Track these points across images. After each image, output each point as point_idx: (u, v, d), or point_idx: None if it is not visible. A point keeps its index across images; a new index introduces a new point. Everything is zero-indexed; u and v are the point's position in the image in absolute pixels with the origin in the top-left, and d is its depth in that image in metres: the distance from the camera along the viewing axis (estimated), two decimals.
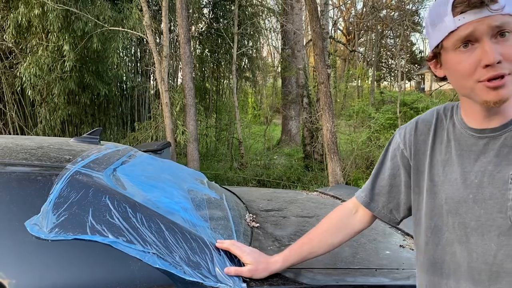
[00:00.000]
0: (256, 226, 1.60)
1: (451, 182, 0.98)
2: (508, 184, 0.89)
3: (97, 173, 1.30)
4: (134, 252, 1.11)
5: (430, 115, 1.10)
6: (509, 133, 0.92)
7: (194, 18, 12.48)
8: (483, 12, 0.84)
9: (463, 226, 0.95)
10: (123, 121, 10.79)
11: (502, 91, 0.86)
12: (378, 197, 1.17)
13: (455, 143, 1.00)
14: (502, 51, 0.84)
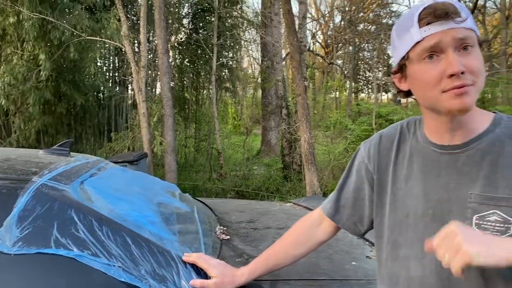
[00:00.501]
0: (226, 238, 1.61)
1: (413, 197, 1.00)
2: (467, 203, 0.91)
3: (64, 186, 1.29)
4: (99, 265, 1.11)
5: (394, 129, 1.12)
6: (471, 151, 0.94)
7: (173, 29, 12.50)
8: (448, 24, 0.87)
9: (420, 242, 0.96)
10: (100, 131, 10.66)
11: (466, 98, 0.87)
12: (343, 209, 1.20)
13: (417, 158, 1.02)
14: (465, 63, 0.87)
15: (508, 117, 0.97)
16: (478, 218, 0.89)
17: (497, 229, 0.88)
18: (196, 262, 1.22)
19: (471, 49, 0.88)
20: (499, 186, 0.89)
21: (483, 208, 0.89)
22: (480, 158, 0.92)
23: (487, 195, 0.89)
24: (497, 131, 0.94)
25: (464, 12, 0.89)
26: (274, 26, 11.92)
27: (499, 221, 0.87)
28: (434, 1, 0.90)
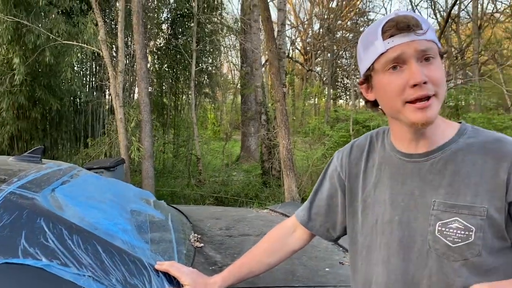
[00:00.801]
0: (200, 246, 1.61)
1: (380, 204, 1.03)
2: (431, 210, 0.94)
3: (34, 194, 1.27)
4: (69, 275, 1.09)
5: (364, 139, 1.15)
6: (434, 160, 0.97)
7: (152, 34, 12.41)
8: (410, 36, 0.90)
9: (387, 247, 0.99)
10: (76, 137, 10.47)
11: (429, 112, 0.90)
12: (316, 216, 1.22)
13: (385, 166, 1.05)
14: (427, 73, 0.90)
15: (472, 128, 1.01)
16: (441, 225, 0.92)
17: (458, 236, 0.90)
18: (169, 271, 1.21)
19: (432, 60, 0.92)
20: (460, 194, 0.92)
21: (445, 215, 0.92)
22: (443, 167, 0.95)
23: (449, 203, 0.92)
24: (460, 141, 0.97)
25: (425, 25, 0.92)
26: (254, 32, 11.99)
27: (460, 228, 0.90)
28: (396, 14, 0.93)
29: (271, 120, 11.04)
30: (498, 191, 0.90)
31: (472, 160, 0.93)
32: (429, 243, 0.93)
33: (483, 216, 0.89)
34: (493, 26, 14.80)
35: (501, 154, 0.92)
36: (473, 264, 0.90)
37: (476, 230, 0.89)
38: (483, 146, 0.95)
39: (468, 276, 0.90)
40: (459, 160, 0.95)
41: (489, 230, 0.90)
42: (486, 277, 0.90)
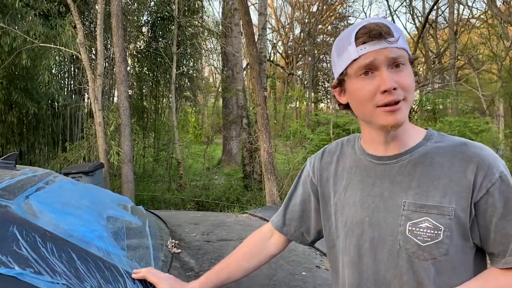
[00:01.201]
0: (177, 252, 1.60)
1: (351, 205, 1.05)
2: (401, 211, 0.97)
3: (7, 201, 1.25)
4: (42, 283, 1.07)
5: (335, 145, 1.19)
6: (403, 162, 1.00)
7: (132, 37, 12.31)
8: (381, 44, 0.93)
9: (357, 248, 1.02)
10: (53, 141, 10.30)
11: (398, 115, 0.94)
12: (291, 221, 1.24)
13: (355, 169, 1.08)
14: (397, 80, 0.94)
15: (438, 134, 1.04)
16: (411, 225, 0.95)
17: (428, 235, 0.94)
18: (146, 277, 1.21)
19: (403, 67, 0.95)
20: (429, 195, 0.95)
21: (415, 215, 0.95)
22: (412, 169, 0.99)
23: (419, 203, 0.95)
24: (428, 144, 1.01)
25: (397, 32, 0.95)
26: (235, 36, 12.01)
27: (430, 227, 0.94)
28: (369, 22, 0.96)
29: (252, 123, 11.06)
30: (464, 192, 0.93)
31: (440, 163, 0.97)
32: (400, 243, 0.96)
33: (451, 216, 0.93)
34: (469, 31, 15.17)
35: (467, 157, 0.96)
36: (440, 262, 0.94)
37: (444, 229, 0.93)
38: (450, 149, 0.98)
39: (436, 275, 0.94)
40: (428, 163, 0.98)
41: (456, 229, 0.93)
42: (452, 275, 0.94)
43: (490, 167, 0.94)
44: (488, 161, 0.94)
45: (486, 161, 0.94)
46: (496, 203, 0.93)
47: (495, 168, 0.94)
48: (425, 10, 16.97)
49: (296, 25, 23.74)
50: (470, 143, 0.99)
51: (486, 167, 0.93)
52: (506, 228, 0.93)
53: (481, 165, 0.94)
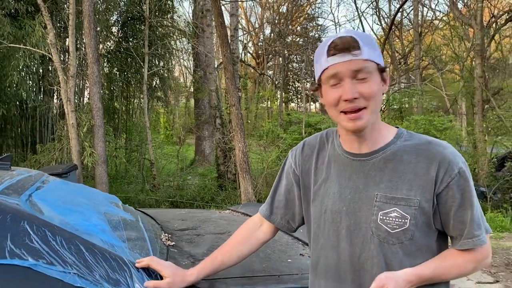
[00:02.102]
0: (171, 244, 1.71)
1: (330, 196, 1.20)
2: (373, 202, 1.12)
3: (14, 199, 1.33)
4: (55, 273, 1.17)
5: (314, 139, 1.32)
6: (376, 159, 1.15)
7: (102, 36, 12.14)
8: (346, 57, 1.07)
9: (336, 233, 1.17)
10: (22, 143, 10.06)
11: (358, 122, 1.09)
12: (277, 210, 1.37)
13: (334, 163, 1.22)
14: (360, 90, 1.08)
15: (408, 132, 1.20)
16: (382, 214, 1.11)
17: (396, 223, 1.09)
18: (150, 265, 1.31)
19: (368, 77, 1.09)
20: (398, 188, 1.11)
21: (386, 206, 1.11)
22: (384, 165, 1.14)
23: (389, 196, 1.11)
24: (398, 143, 1.17)
25: (365, 44, 1.09)
26: (207, 37, 12.05)
27: (398, 216, 1.09)
28: (340, 36, 1.11)
29: (225, 123, 11.15)
30: (428, 186, 1.09)
31: (408, 160, 1.13)
32: (372, 230, 1.11)
33: (416, 207, 1.09)
34: (432, 32, 15.75)
35: (431, 154, 1.12)
36: (407, 246, 1.10)
37: (410, 218, 1.09)
38: (416, 147, 1.14)
39: (402, 256, 1.10)
40: (397, 160, 1.14)
41: (420, 218, 1.09)
42: (416, 257, 1.11)
43: (450, 164, 1.10)
44: (449, 158, 1.11)
45: (447, 158, 1.10)
46: (455, 195, 1.09)
47: (455, 164, 1.10)
48: (391, 12, 17.50)
49: (266, 25, 23.96)
50: (434, 142, 1.15)
51: (447, 164, 1.10)
52: (462, 216, 1.10)
53: (442, 162, 1.10)
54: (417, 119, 9.01)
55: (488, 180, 9.10)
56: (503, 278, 4.58)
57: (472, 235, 1.10)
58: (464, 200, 1.09)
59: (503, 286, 4.34)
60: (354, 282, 1.13)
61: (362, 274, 1.12)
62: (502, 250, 5.70)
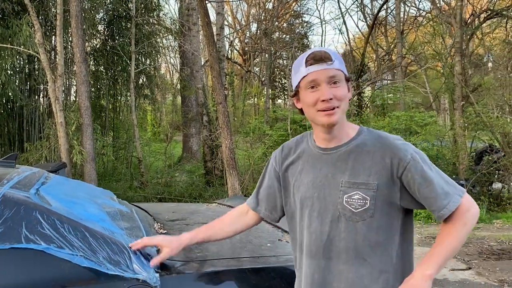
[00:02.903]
0: (164, 232, 1.90)
1: (305, 185, 1.42)
2: (340, 187, 1.35)
3: (25, 193, 1.51)
4: (64, 255, 1.36)
5: (292, 142, 1.57)
6: (341, 151, 1.39)
7: (88, 35, 12.17)
8: (322, 66, 1.32)
9: (309, 216, 1.39)
10: (10, 142, 10.10)
11: (333, 117, 1.32)
12: (261, 202, 1.60)
13: (308, 157, 1.46)
14: (334, 92, 1.32)
15: (367, 129, 1.44)
16: (347, 197, 1.33)
17: (359, 204, 1.32)
18: (145, 244, 1.52)
19: (338, 83, 1.34)
20: (359, 175, 1.34)
21: (349, 190, 1.33)
22: (348, 156, 1.37)
23: (352, 181, 1.34)
24: (359, 138, 1.40)
25: (335, 58, 1.34)
26: (193, 35, 12.17)
27: (360, 198, 1.32)
28: (314, 50, 1.36)
29: (212, 121, 11.30)
30: (384, 171, 1.33)
31: (367, 151, 1.36)
32: (339, 211, 1.34)
33: (375, 189, 1.32)
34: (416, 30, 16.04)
35: (385, 145, 1.36)
36: (368, 223, 1.32)
37: (370, 199, 1.32)
38: (373, 141, 1.38)
39: (366, 232, 1.32)
40: (359, 151, 1.37)
41: (379, 199, 1.32)
42: (378, 232, 1.32)
43: (401, 151, 1.34)
44: (400, 147, 1.35)
45: (397, 147, 1.35)
46: (414, 177, 1.32)
47: (406, 151, 1.34)
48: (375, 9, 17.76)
49: (253, 22, 24.10)
50: (388, 136, 1.40)
51: (399, 152, 1.34)
52: (428, 193, 1.32)
53: (395, 151, 1.34)
54: (398, 115, 9.30)
55: (467, 174, 9.45)
56: (475, 265, 4.88)
57: (443, 206, 1.31)
58: (423, 179, 1.32)
59: (475, 272, 4.63)
60: (324, 256, 1.35)
61: (331, 249, 1.35)
62: (476, 240, 6.01)
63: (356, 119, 9.95)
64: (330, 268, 1.35)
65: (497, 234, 6.30)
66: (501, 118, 8.80)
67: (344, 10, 19.48)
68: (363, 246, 1.32)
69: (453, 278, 4.42)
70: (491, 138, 9.64)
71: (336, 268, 1.34)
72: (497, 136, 9.17)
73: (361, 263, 1.32)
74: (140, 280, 1.40)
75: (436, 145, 10.18)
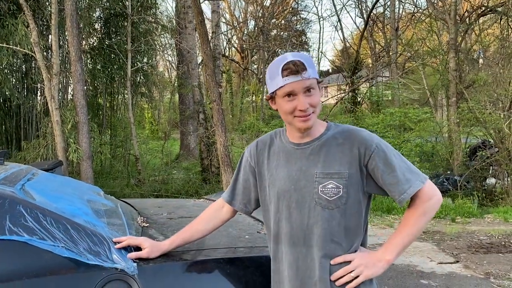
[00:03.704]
0: (146, 226, 1.98)
1: (281, 179, 1.51)
2: (314, 178, 1.44)
3: (10, 188, 1.59)
4: (46, 246, 1.44)
5: (266, 137, 1.65)
6: (313, 146, 1.49)
7: (85, 33, 12.22)
8: (298, 77, 1.41)
9: (288, 207, 1.48)
10: (7, 140, 10.17)
11: (309, 122, 1.44)
12: (237, 196, 1.69)
13: (283, 153, 1.54)
14: (309, 101, 1.42)
15: (335, 124, 1.53)
16: (321, 187, 1.43)
17: (333, 192, 1.42)
18: (129, 243, 1.60)
19: (313, 91, 1.44)
20: (331, 166, 1.44)
21: (323, 180, 1.43)
22: (319, 149, 1.47)
23: (325, 172, 1.44)
24: (328, 133, 1.50)
25: (309, 66, 1.42)
26: (189, 33, 12.22)
27: (334, 187, 1.42)
28: (289, 60, 1.42)
29: (209, 118, 11.37)
30: (353, 161, 1.43)
31: (336, 143, 1.47)
32: (315, 200, 1.43)
33: (346, 178, 1.42)
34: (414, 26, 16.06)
35: (352, 137, 1.47)
36: (342, 210, 1.43)
37: (343, 187, 1.42)
38: (341, 134, 1.49)
39: (340, 218, 1.43)
40: (329, 144, 1.47)
41: (351, 187, 1.43)
42: (351, 217, 1.43)
43: (367, 141, 1.45)
44: (365, 138, 1.46)
45: (363, 138, 1.45)
46: (377, 164, 1.43)
47: (371, 141, 1.45)
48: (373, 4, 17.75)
49: (250, 19, 24.13)
50: (354, 128, 1.51)
51: (365, 142, 1.44)
52: (390, 179, 1.43)
53: (361, 142, 1.45)
54: (393, 112, 9.38)
55: (462, 169, 9.54)
56: (463, 259, 4.97)
57: (403, 190, 1.42)
58: (386, 166, 1.42)
59: (463, 266, 4.72)
60: (305, 243, 1.45)
61: (311, 237, 1.44)
62: (467, 234, 6.10)
63: (350, 116, 10.02)
64: (312, 255, 1.44)
65: (488, 228, 6.40)
66: (494, 114, 8.88)
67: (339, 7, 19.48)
68: (338, 231, 1.42)
69: (441, 271, 4.51)
70: (485, 133, 9.72)
71: (316, 254, 1.43)
72: (490, 132, 9.26)
73: (336, 248, 1.43)
74: (118, 269, 1.48)
75: (430, 141, 10.27)
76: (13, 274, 1.39)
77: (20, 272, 1.40)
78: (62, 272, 1.44)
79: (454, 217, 6.97)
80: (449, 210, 7.26)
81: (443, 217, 7.08)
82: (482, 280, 4.26)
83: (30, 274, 1.40)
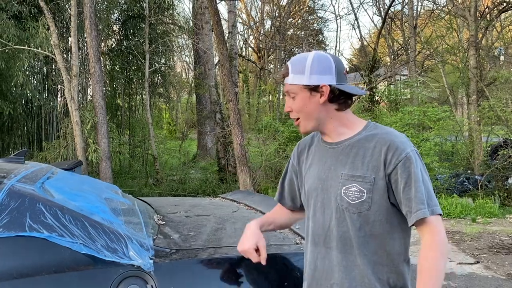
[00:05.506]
0: (162, 223, 2.01)
1: (312, 177, 1.52)
2: (339, 179, 1.42)
3: (30, 186, 1.63)
4: (65, 243, 1.47)
5: (306, 138, 1.67)
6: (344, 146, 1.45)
7: (103, 35, 12.41)
8: (285, 81, 1.46)
9: (313, 206, 1.48)
10: (29, 141, 10.41)
11: (300, 128, 1.48)
12: (285, 194, 1.70)
13: (317, 152, 1.55)
14: (291, 105, 1.46)
15: (374, 124, 1.50)
16: (345, 189, 1.40)
17: (356, 196, 1.38)
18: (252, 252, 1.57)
19: (294, 95, 1.46)
20: (358, 168, 1.40)
21: (348, 182, 1.40)
22: (349, 150, 1.45)
23: (350, 174, 1.41)
24: (363, 133, 1.46)
25: (293, 71, 1.44)
26: (205, 34, 12.28)
27: (357, 191, 1.38)
28: (289, 61, 1.48)
29: (225, 118, 11.42)
30: (380, 166, 1.38)
31: (367, 146, 1.42)
32: (338, 202, 1.41)
33: (372, 183, 1.38)
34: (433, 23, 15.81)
35: (384, 142, 1.40)
36: (365, 215, 1.38)
37: (366, 192, 1.37)
38: (375, 136, 1.43)
39: (362, 224, 1.39)
40: (359, 146, 1.44)
41: (375, 193, 1.38)
42: (374, 225, 1.38)
43: (398, 149, 1.38)
44: (397, 145, 1.38)
45: (396, 145, 1.38)
46: (402, 175, 1.36)
47: (402, 150, 1.38)
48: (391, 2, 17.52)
49: (267, 19, 24.13)
50: (390, 132, 1.44)
51: (395, 149, 1.38)
52: (408, 193, 1.35)
53: (391, 147, 1.38)
54: (411, 110, 9.23)
55: (483, 169, 9.33)
56: (484, 260, 4.87)
57: (416, 209, 1.34)
58: (410, 180, 1.35)
59: (483, 266, 4.63)
60: (325, 245, 1.44)
61: (331, 238, 1.42)
62: (488, 234, 5.98)
63: (368, 115, 9.92)
64: (331, 256, 1.42)
65: (510, 229, 6.25)
66: None
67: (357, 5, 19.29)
68: (358, 237, 1.37)
69: (461, 272, 4.43)
70: (507, 132, 9.49)
71: (336, 257, 1.41)
72: None
73: (358, 254, 1.38)
74: (135, 266, 1.51)
75: (450, 140, 10.09)
76: (32, 270, 1.43)
77: (40, 268, 1.43)
78: (80, 268, 1.47)
79: (474, 217, 6.83)
80: (469, 210, 7.12)
81: (463, 217, 6.96)
82: (503, 281, 4.18)
83: (49, 270, 1.43)
